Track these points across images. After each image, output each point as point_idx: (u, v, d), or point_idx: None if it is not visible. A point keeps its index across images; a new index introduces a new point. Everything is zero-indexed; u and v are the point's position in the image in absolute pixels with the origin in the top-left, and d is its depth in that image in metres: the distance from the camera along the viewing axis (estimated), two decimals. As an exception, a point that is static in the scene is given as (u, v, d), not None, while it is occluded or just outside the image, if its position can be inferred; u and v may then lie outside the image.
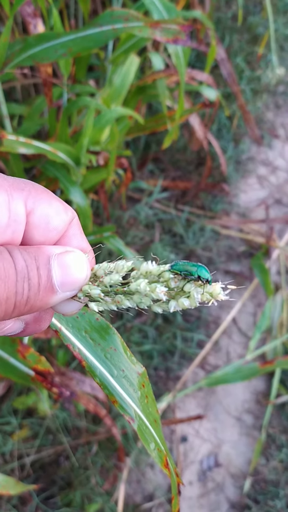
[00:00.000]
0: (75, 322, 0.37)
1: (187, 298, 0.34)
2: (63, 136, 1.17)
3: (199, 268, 0.33)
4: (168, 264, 0.34)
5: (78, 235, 0.36)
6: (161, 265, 0.35)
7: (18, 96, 1.58)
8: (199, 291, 0.34)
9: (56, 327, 0.37)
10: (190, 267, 0.34)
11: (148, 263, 0.34)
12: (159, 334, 1.66)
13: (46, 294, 0.32)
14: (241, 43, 2.37)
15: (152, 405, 0.37)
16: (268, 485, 1.49)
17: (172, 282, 0.34)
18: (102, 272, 0.35)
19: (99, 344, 0.37)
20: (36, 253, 0.32)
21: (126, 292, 0.35)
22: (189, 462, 1.50)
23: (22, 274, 0.30)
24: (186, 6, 1.75)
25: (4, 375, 0.71)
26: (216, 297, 0.34)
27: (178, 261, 0.35)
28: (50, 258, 0.32)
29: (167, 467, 0.36)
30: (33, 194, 0.33)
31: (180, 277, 0.34)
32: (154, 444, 0.36)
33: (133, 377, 0.37)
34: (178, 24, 0.88)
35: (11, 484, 0.98)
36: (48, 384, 0.65)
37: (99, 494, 1.36)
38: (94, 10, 1.68)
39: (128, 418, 0.35)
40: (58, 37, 0.95)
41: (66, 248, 0.33)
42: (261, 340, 1.72)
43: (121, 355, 0.37)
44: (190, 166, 2.06)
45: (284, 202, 2.10)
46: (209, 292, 0.34)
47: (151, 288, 0.33)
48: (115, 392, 0.36)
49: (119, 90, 1.32)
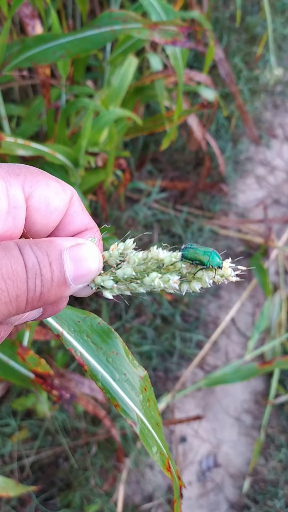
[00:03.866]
0: (76, 326, 0.37)
1: (199, 282, 0.35)
2: (61, 137, 1.17)
3: (211, 257, 0.34)
4: (179, 253, 0.35)
5: (80, 212, 0.36)
6: (171, 251, 0.35)
7: (16, 97, 1.58)
8: (210, 275, 0.34)
9: (58, 332, 0.37)
10: (202, 256, 0.34)
11: (159, 251, 0.35)
12: (158, 335, 1.66)
13: (60, 288, 0.32)
14: (239, 43, 2.37)
15: (154, 408, 0.37)
16: (267, 485, 1.49)
17: (184, 269, 0.35)
18: (114, 261, 0.36)
19: (101, 348, 0.37)
20: (47, 247, 0.32)
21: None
22: (188, 463, 1.50)
23: (33, 271, 0.30)
24: (184, 6, 1.75)
25: (4, 377, 0.71)
26: (227, 278, 0.35)
27: (188, 246, 0.35)
28: (62, 252, 0.32)
29: (169, 471, 0.36)
30: (29, 178, 0.33)
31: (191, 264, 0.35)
32: (157, 447, 0.36)
33: (135, 380, 0.37)
34: (177, 26, 0.88)
35: (10, 486, 0.98)
36: (48, 387, 0.65)
37: (99, 495, 1.36)
38: (92, 10, 1.68)
39: (131, 422, 0.35)
40: (56, 38, 0.95)
41: (77, 240, 0.33)
42: (259, 340, 1.72)
43: (123, 359, 0.37)
44: (189, 166, 2.06)
45: (283, 202, 2.10)
46: (221, 274, 0.35)
47: (164, 281, 0.34)
48: (117, 396, 0.36)
49: (117, 91, 1.32)
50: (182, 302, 1.73)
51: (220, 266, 0.34)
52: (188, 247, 0.35)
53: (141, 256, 0.35)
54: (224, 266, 0.35)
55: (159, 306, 1.69)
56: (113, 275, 0.35)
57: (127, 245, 0.36)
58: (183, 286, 0.35)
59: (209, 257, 0.34)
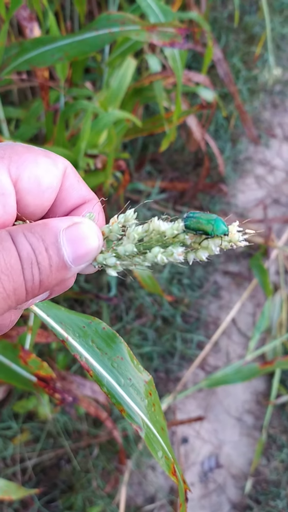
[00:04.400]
0: (81, 331, 0.37)
1: (205, 251, 0.33)
2: (60, 139, 1.17)
3: (215, 225, 0.32)
4: (181, 223, 0.33)
5: (76, 185, 0.34)
6: (173, 222, 0.34)
7: (15, 99, 1.58)
8: (217, 243, 0.33)
9: (63, 337, 0.36)
10: (205, 226, 0.32)
11: (160, 223, 0.33)
12: (158, 336, 1.66)
13: (60, 272, 0.31)
14: (238, 43, 2.37)
15: (159, 413, 0.37)
16: (269, 485, 1.49)
17: (188, 239, 0.33)
18: (115, 236, 0.34)
19: (106, 353, 0.37)
20: (42, 232, 0.30)
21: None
22: (190, 464, 1.50)
23: (28, 261, 0.29)
24: (182, 6, 1.75)
25: (7, 381, 0.71)
26: (235, 243, 0.33)
27: (190, 215, 0.33)
28: (58, 235, 0.30)
29: (175, 475, 0.36)
30: (15, 159, 0.31)
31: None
32: (162, 452, 0.36)
33: (140, 385, 0.37)
34: (175, 27, 0.88)
35: (12, 489, 0.98)
36: (51, 390, 0.65)
37: (101, 497, 1.36)
38: (90, 11, 1.68)
39: (136, 427, 0.35)
40: (54, 41, 0.95)
41: (73, 220, 0.32)
42: (260, 340, 1.72)
43: (128, 364, 0.37)
44: (188, 167, 2.06)
45: (282, 202, 2.10)
46: (228, 240, 0.33)
47: (168, 255, 0.33)
48: (122, 401, 0.36)
49: (116, 93, 1.32)
50: (182, 303, 1.73)
51: (226, 234, 0.33)
52: (190, 216, 0.33)
53: (141, 231, 0.34)
54: (231, 230, 0.33)
55: (160, 307, 1.69)
56: (114, 251, 0.34)
57: (127, 216, 0.35)
58: (189, 256, 0.34)
59: (213, 225, 0.32)
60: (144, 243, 0.34)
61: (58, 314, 0.37)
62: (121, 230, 0.34)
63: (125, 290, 1.68)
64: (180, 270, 1.80)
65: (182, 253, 0.33)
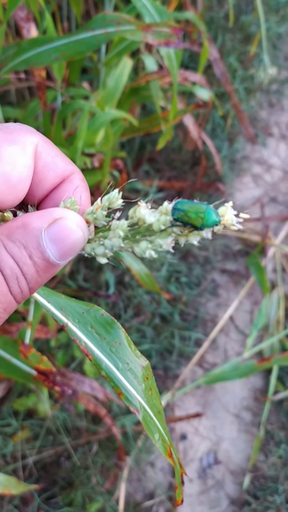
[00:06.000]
0: (81, 317, 0.38)
1: (196, 236, 0.32)
2: (57, 139, 1.18)
3: (205, 218, 0.30)
4: (167, 217, 0.32)
5: (51, 163, 0.32)
6: (161, 210, 0.32)
7: (12, 99, 1.59)
8: (208, 231, 0.31)
9: (63, 322, 0.38)
10: (194, 220, 0.30)
11: (146, 212, 0.32)
12: (157, 334, 1.67)
13: (48, 272, 0.30)
14: (234, 42, 2.38)
15: (156, 397, 0.39)
16: (267, 481, 1.50)
17: (177, 230, 0.32)
18: (101, 223, 0.33)
19: (105, 338, 0.38)
20: (22, 238, 0.28)
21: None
22: (189, 460, 1.52)
23: (13, 277, 0.28)
24: (178, 7, 1.76)
25: (7, 375, 0.72)
26: (229, 227, 0.32)
27: (178, 206, 0.32)
28: (40, 237, 0.29)
29: (171, 457, 0.38)
30: None
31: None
32: (159, 434, 0.37)
33: (137, 370, 0.38)
34: (170, 27, 0.89)
35: (12, 484, 0.99)
36: (50, 383, 0.66)
37: (100, 493, 1.37)
38: (87, 11, 1.69)
39: (133, 410, 0.36)
40: (51, 41, 0.96)
41: (53, 215, 0.30)
42: (258, 337, 1.73)
43: (126, 349, 0.38)
44: (185, 166, 2.07)
45: (279, 200, 2.11)
46: (222, 224, 0.31)
47: (155, 247, 0.31)
48: (120, 385, 0.37)
49: (113, 92, 1.33)
50: (180, 301, 1.75)
51: (218, 223, 0.31)
52: (178, 208, 0.31)
53: (126, 227, 0.32)
54: (224, 214, 0.31)
55: (158, 305, 1.70)
56: (101, 244, 0.33)
57: (111, 199, 0.33)
58: (180, 239, 0.32)
59: (202, 219, 0.30)
60: (133, 233, 0.33)
61: (58, 301, 0.38)
62: (107, 213, 0.33)
63: (124, 288, 1.69)
64: (178, 269, 1.81)
65: (172, 243, 0.31)
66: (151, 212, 0.32)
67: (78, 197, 0.33)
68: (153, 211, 0.33)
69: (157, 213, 0.32)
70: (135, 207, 0.33)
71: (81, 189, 0.34)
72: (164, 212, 0.32)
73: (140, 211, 0.32)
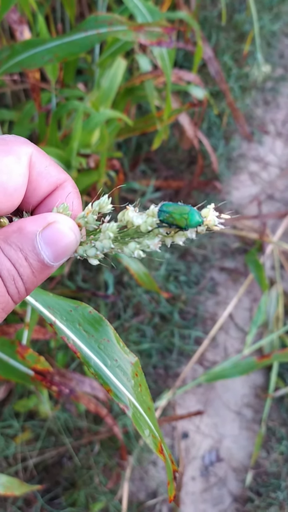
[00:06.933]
0: (69, 315, 0.38)
1: (182, 236, 0.34)
2: (53, 140, 1.18)
3: (189, 219, 0.32)
4: (154, 219, 0.33)
5: (44, 172, 0.33)
6: (148, 213, 0.34)
7: (8, 101, 1.59)
8: (193, 231, 0.33)
9: (50, 320, 0.38)
10: (179, 220, 0.32)
11: (133, 215, 0.33)
12: (156, 333, 1.67)
13: (43, 273, 0.31)
14: (228, 41, 2.39)
15: (146, 393, 0.39)
16: (269, 477, 1.51)
17: (163, 231, 0.34)
18: (91, 227, 0.35)
19: (93, 336, 0.38)
20: (18, 241, 0.30)
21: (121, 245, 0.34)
22: (191, 458, 1.52)
23: (10, 278, 0.30)
24: (171, 6, 1.76)
25: (5, 376, 0.72)
26: (211, 228, 0.34)
27: (164, 208, 0.33)
28: (35, 240, 0.30)
29: (162, 453, 0.38)
30: None
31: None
32: (149, 430, 0.37)
33: (126, 366, 0.38)
34: (162, 27, 0.90)
35: (15, 485, 0.99)
36: (48, 383, 0.66)
37: (103, 493, 1.38)
38: (81, 13, 1.69)
39: (123, 406, 0.36)
40: (44, 43, 0.96)
41: (47, 219, 0.31)
42: (257, 334, 1.73)
43: (114, 346, 0.39)
44: (182, 165, 2.07)
45: (276, 197, 2.12)
46: (204, 225, 0.33)
47: (143, 247, 0.33)
48: (109, 381, 0.37)
49: (107, 93, 1.34)
50: (179, 300, 1.75)
51: (201, 224, 0.33)
52: (163, 210, 0.33)
53: (116, 229, 0.34)
54: (206, 215, 0.33)
55: (157, 304, 1.70)
56: (92, 246, 0.34)
57: (101, 204, 0.35)
58: (166, 240, 0.34)
59: (186, 220, 0.32)
60: (122, 235, 0.34)
61: (46, 299, 0.39)
62: (98, 218, 0.35)
63: (123, 288, 1.70)
64: (176, 267, 1.81)
65: (159, 243, 0.33)
66: (139, 215, 0.34)
67: (70, 203, 0.35)
68: (141, 213, 0.34)
69: (144, 215, 0.34)
70: (124, 210, 0.34)
71: (73, 195, 0.35)
72: (151, 214, 0.34)
73: (128, 214, 0.34)
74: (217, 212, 0.34)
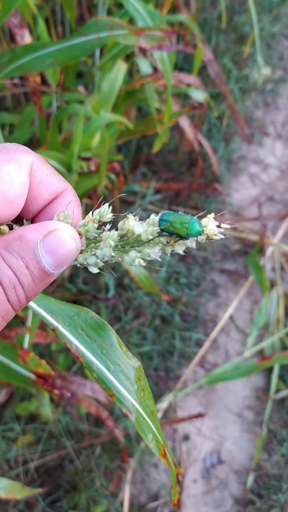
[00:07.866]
0: (71, 320, 0.39)
1: (182, 245, 0.34)
2: (54, 143, 1.19)
3: (189, 228, 0.32)
4: (154, 228, 0.33)
5: (45, 180, 0.34)
6: (148, 222, 0.34)
7: (8, 105, 1.60)
8: (193, 240, 0.33)
9: (53, 326, 0.38)
10: (179, 230, 0.33)
11: (134, 224, 0.33)
12: (157, 335, 1.67)
13: (43, 281, 0.31)
14: (228, 43, 2.39)
15: (149, 397, 0.39)
16: (271, 479, 1.51)
17: (164, 241, 0.34)
18: (92, 235, 0.35)
19: (95, 341, 0.38)
20: (19, 249, 0.30)
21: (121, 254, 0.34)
22: (192, 461, 1.52)
23: (11, 286, 0.30)
24: (171, 9, 1.76)
25: (6, 380, 0.72)
26: (211, 237, 0.34)
27: (164, 217, 0.33)
28: (35, 248, 0.30)
29: (165, 457, 0.38)
30: None
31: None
32: (152, 435, 0.37)
33: (129, 371, 0.38)
34: (162, 31, 0.90)
35: (17, 489, 0.99)
36: (49, 387, 0.66)
37: (104, 496, 1.38)
38: (81, 15, 1.69)
39: (126, 411, 0.37)
40: (44, 47, 0.97)
41: (48, 227, 0.31)
42: (258, 336, 1.73)
43: (116, 351, 0.39)
44: (182, 167, 2.07)
45: (276, 199, 2.12)
46: (204, 235, 0.34)
47: (144, 256, 0.33)
48: (112, 386, 0.37)
49: (108, 96, 1.34)
50: (180, 302, 1.75)
51: (201, 233, 0.33)
52: (164, 219, 0.33)
53: (117, 237, 0.34)
54: (206, 224, 0.33)
55: (158, 306, 1.71)
56: (93, 254, 0.35)
57: (102, 212, 0.35)
58: (167, 249, 0.34)
59: (186, 229, 0.32)
60: (122, 243, 0.34)
61: (49, 304, 0.39)
62: (98, 226, 0.35)
63: (123, 291, 1.70)
64: (177, 270, 1.81)
65: (159, 252, 0.34)
66: (139, 223, 0.34)
67: (71, 211, 0.35)
68: (141, 222, 0.34)
69: (145, 224, 0.34)
70: (124, 219, 0.35)
71: (73, 204, 0.35)
72: (152, 223, 0.34)
73: (129, 223, 0.34)
74: (217, 222, 0.34)
